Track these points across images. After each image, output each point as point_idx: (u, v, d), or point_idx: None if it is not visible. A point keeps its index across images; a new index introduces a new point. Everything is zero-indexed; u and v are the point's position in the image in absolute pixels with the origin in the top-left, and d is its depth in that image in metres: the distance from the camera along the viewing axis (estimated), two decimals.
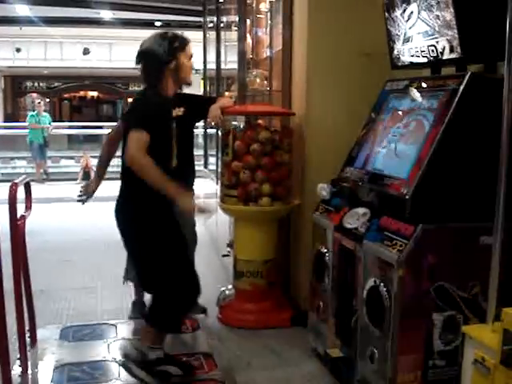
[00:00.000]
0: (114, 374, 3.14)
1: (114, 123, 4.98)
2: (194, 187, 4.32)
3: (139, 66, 3.09)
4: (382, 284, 2.81)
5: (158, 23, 11.50)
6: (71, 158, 14.17)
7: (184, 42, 3.11)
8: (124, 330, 3.74)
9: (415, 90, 3.23)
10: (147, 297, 4.44)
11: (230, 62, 5.95)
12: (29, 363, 3.16)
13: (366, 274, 2.97)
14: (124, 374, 3.06)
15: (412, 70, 3.60)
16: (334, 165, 3.88)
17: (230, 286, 4.47)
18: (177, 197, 2.90)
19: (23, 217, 3.18)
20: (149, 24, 11.26)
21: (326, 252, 3.48)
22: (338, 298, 3.35)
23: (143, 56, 3.05)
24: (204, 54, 7.71)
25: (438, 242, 2.74)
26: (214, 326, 4.18)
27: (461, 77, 2.90)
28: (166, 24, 10.94)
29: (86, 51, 15.04)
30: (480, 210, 2.78)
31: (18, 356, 3.18)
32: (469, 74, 2.86)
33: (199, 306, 4.42)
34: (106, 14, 12.44)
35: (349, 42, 4.11)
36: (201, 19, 7.94)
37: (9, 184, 2.92)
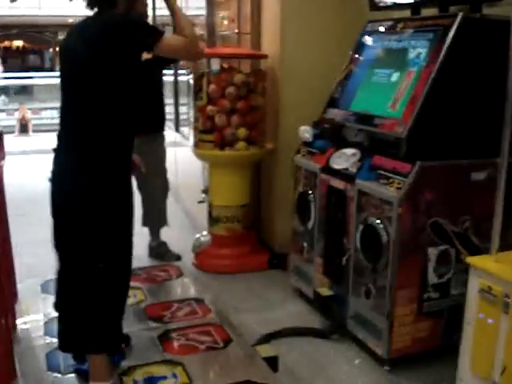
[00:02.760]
0: None
1: (43, 73, 4.67)
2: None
3: None
4: (378, 221, 2.87)
5: None
6: (1, 110, 13.48)
7: None
8: None
9: None
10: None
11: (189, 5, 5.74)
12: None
13: (360, 212, 3.02)
14: None
15: (389, 12, 3.61)
16: (309, 107, 3.88)
17: (204, 233, 4.45)
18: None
19: None
20: None
21: (310, 193, 3.50)
22: (326, 238, 3.40)
23: None
24: None
25: (434, 178, 2.81)
26: (192, 273, 4.17)
27: (451, 17, 2.93)
28: None
29: None
30: (471, 148, 2.88)
31: None
32: (461, 14, 2.88)
33: (173, 253, 4.42)
34: None
35: None
36: None
37: None
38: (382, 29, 3.44)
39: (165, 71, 4.61)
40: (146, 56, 2.60)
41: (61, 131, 2.47)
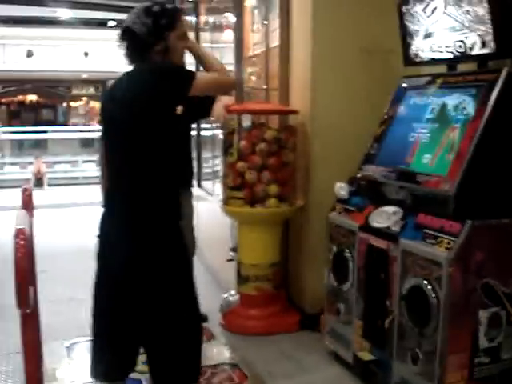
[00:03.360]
0: None
1: (56, 127, 4.62)
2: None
3: (122, 45, 2.40)
4: (426, 283, 2.75)
5: (111, 23, 11.03)
6: (16, 164, 13.55)
7: (174, 18, 2.39)
8: None
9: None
10: None
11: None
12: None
13: (404, 273, 2.90)
14: None
15: (421, 68, 3.59)
16: (340, 164, 3.84)
17: (232, 292, 4.32)
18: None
19: None
20: (101, 23, 10.81)
21: (348, 253, 3.39)
22: (366, 299, 3.27)
23: (124, 35, 2.36)
24: None
25: (484, 238, 2.70)
26: (220, 335, 4.02)
27: (495, 72, 2.89)
28: (120, 23, 10.51)
29: (29, 53, 14.43)
30: None
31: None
32: (506, 69, 2.84)
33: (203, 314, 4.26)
34: (59, 13, 11.77)
35: (351, 40, 4.05)
36: None
37: None
38: (419, 83, 3.40)
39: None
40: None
41: (113, 190, 2.39)
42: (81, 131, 17.13)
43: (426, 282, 2.75)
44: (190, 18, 6.19)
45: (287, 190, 4.05)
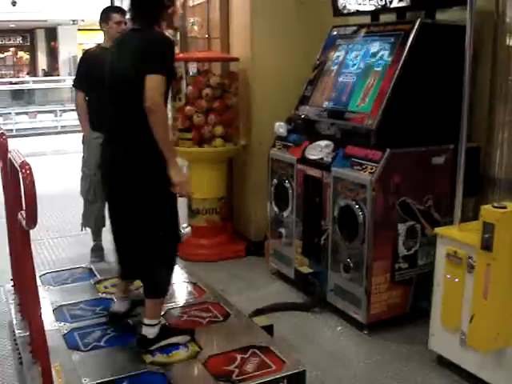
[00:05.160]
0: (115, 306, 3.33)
1: None
2: None
3: (134, 5, 2.79)
4: (354, 203, 3.27)
5: None
6: None
7: None
8: (101, 270, 3.88)
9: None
10: (105, 242, 4.64)
11: None
12: None
13: (336, 197, 3.41)
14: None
15: (349, 17, 4.04)
16: (279, 105, 4.27)
17: (184, 225, 4.73)
18: (174, 163, 2.66)
19: None
20: None
21: (287, 183, 3.87)
22: (304, 221, 3.78)
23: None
24: (111, 1, 7.61)
25: (401, 163, 3.23)
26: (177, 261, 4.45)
27: (410, 23, 3.36)
28: None
29: None
30: (431, 136, 3.32)
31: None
32: (418, 20, 3.32)
33: None
34: None
35: None
36: None
37: None
38: (347, 32, 3.85)
39: None
40: None
41: (112, 126, 2.84)
42: (11, 83, 16.80)
43: (353, 202, 3.27)
44: None
45: (231, 131, 4.48)
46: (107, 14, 4.23)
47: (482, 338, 2.61)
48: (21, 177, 2.07)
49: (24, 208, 2.09)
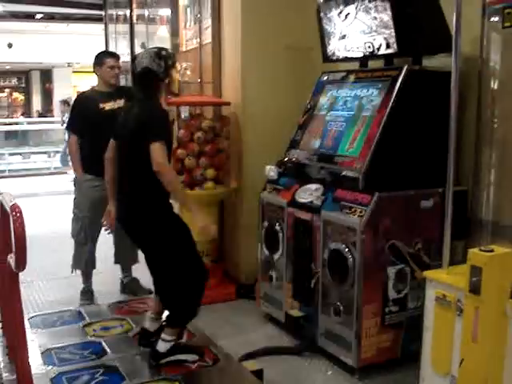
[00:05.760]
0: (103, 351, 3.29)
1: None
2: None
3: (135, 81, 3.28)
4: (344, 246, 3.29)
5: (39, 15, 11.02)
6: None
7: (175, 59, 3.27)
8: (90, 313, 3.87)
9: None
10: (95, 284, 4.62)
11: None
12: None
13: (326, 240, 3.43)
14: (113, 349, 3.28)
15: (339, 64, 4.13)
16: (269, 149, 4.33)
17: None
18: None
19: None
20: (28, 16, 10.80)
21: (277, 226, 3.89)
22: (294, 264, 3.78)
23: (145, 73, 3.12)
24: (106, 46, 7.78)
25: (390, 207, 3.27)
26: None
27: (397, 69, 3.45)
28: (50, 17, 10.61)
29: None
30: (419, 180, 3.37)
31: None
32: (405, 66, 3.40)
33: (145, 288, 4.67)
34: None
35: (277, 39, 4.55)
36: (101, 12, 8.00)
37: None
38: (336, 78, 3.93)
39: None
40: None
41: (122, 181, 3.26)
42: (5, 124, 16.94)
43: (343, 245, 3.29)
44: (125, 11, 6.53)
45: (222, 174, 4.53)
46: (101, 58, 4.32)
47: (472, 383, 2.59)
48: (11, 219, 2.08)
49: (13, 251, 2.10)
